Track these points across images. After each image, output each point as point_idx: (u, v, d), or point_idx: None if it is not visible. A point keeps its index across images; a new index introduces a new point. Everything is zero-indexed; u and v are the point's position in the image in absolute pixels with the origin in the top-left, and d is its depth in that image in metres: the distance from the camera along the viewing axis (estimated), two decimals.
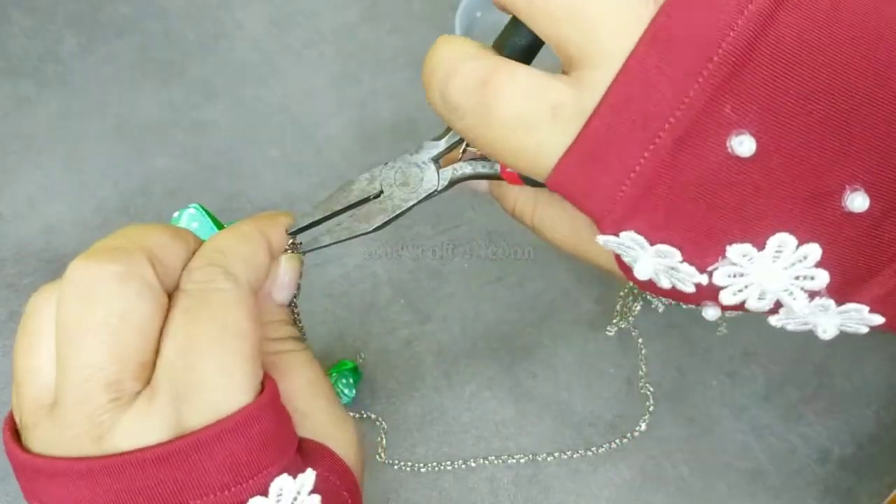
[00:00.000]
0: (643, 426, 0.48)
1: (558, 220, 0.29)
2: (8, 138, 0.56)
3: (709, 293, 0.24)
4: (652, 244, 0.23)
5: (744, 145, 0.21)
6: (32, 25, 0.60)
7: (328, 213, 0.30)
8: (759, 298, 0.24)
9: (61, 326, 0.23)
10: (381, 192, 0.30)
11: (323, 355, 0.49)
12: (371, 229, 0.30)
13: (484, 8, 0.62)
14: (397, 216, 0.30)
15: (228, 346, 0.24)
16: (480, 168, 0.30)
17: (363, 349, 0.50)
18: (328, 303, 0.51)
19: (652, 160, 0.22)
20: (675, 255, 0.23)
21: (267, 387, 0.25)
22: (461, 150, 0.30)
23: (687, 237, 0.23)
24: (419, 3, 0.63)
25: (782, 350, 0.51)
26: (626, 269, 0.26)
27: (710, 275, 0.23)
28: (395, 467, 0.46)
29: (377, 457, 0.47)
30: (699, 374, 0.50)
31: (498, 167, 0.29)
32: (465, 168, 0.30)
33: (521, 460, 0.47)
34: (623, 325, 0.51)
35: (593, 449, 0.47)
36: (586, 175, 0.23)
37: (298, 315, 0.33)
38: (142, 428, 0.22)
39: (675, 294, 0.25)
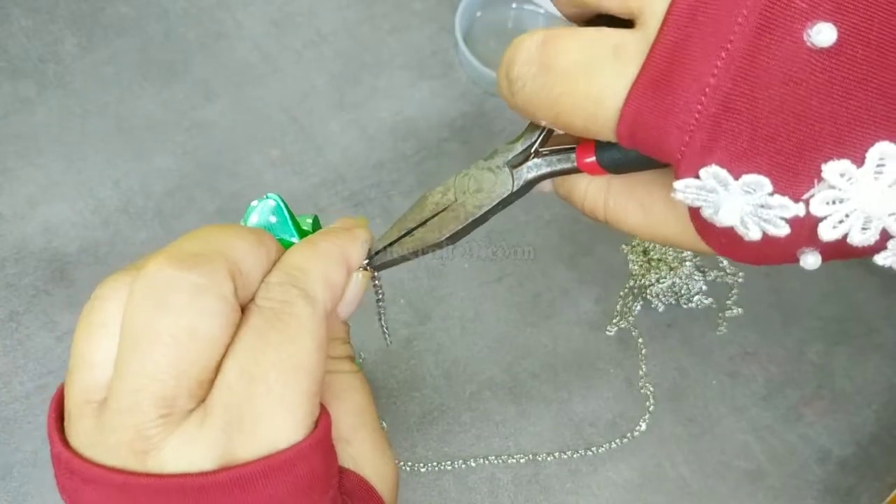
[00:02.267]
0: (643, 426, 0.48)
1: (631, 208, 0.28)
2: (8, 138, 0.56)
3: (806, 231, 0.21)
4: (736, 178, 0.21)
5: (822, 34, 0.19)
6: (33, 26, 0.60)
7: (404, 232, 0.29)
8: (864, 229, 0.21)
9: (127, 327, 0.22)
10: (455, 201, 0.29)
11: None
12: (443, 239, 0.28)
13: (484, 7, 0.63)
14: (471, 223, 0.29)
15: (293, 379, 0.22)
16: (556, 164, 0.28)
17: (363, 349, 0.50)
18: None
19: (726, 68, 0.20)
20: (765, 185, 0.21)
21: (321, 423, 0.23)
22: (533, 150, 0.29)
23: (775, 161, 0.20)
24: (419, 3, 0.63)
25: (782, 350, 0.51)
26: (706, 229, 0.23)
27: (807, 203, 0.21)
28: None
29: None
30: (699, 374, 0.50)
31: (573, 159, 0.27)
32: (541, 167, 0.29)
33: (521, 460, 0.47)
34: (623, 325, 0.51)
35: (593, 449, 0.47)
36: (657, 105, 0.21)
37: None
38: (189, 451, 0.21)
39: (766, 247, 0.22)
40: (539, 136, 0.29)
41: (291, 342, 0.23)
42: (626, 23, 0.23)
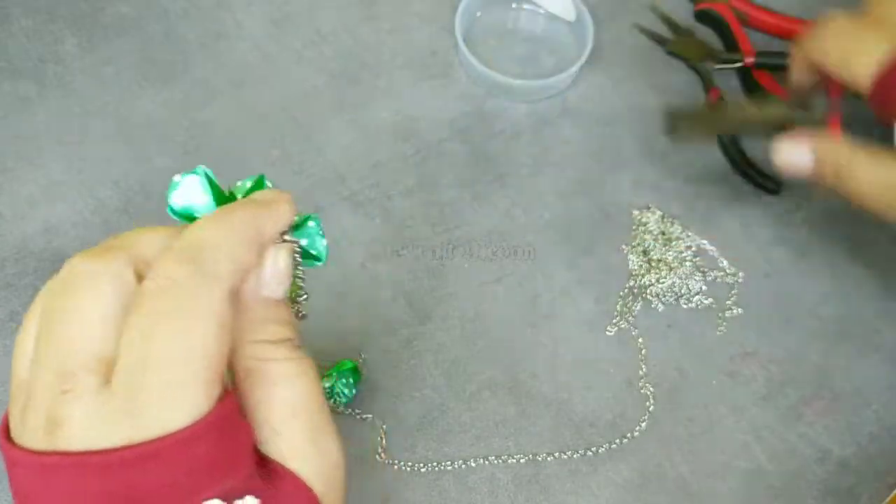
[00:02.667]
0: (643, 426, 0.48)
1: (873, 173, 0.42)
2: (8, 138, 0.56)
3: None
4: None
5: None
6: (33, 26, 0.60)
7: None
8: None
9: (41, 315, 0.24)
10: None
11: (323, 355, 0.49)
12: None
13: (484, 8, 0.63)
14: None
15: (183, 360, 0.22)
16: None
17: (363, 349, 0.50)
18: (329, 303, 0.51)
19: None
20: None
21: (218, 406, 0.23)
22: None
23: None
24: (419, 4, 0.63)
25: (782, 350, 0.51)
26: None
27: None
28: (395, 467, 0.46)
29: (377, 456, 0.47)
30: (699, 374, 0.50)
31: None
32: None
33: (521, 460, 0.47)
34: (623, 326, 0.51)
35: (593, 449, 0.47)
36: None
37: (304, 314, 0.31)
38: (95, 428, 0.22)
39: None
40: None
41: (180, 321, 0.23)
42: None
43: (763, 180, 0.55)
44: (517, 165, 0.56)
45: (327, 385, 0.47)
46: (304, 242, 0.30)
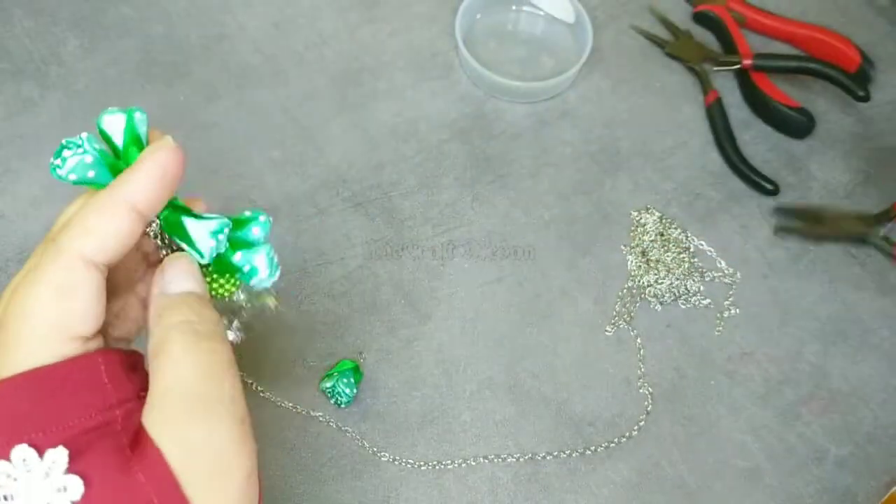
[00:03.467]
0: (641, 425, 0.48)
1: None
2: (11, 139, 0.56)
3: None
4: None
5: None
6: (35, 27, 0.61)
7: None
8: None
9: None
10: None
11: (324, 355, 0.49)
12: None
13: (484, 10, 0.63)
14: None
15: (20, 318, 0.26)
16: None
17: (364, 349, 0.50)
18: (329, 303, 0.51)
19: None
20: None
21: (57, 364, 0.26)
22: None
23: None
24: (420, 6, 0.63)
25: (780, 350, 0.51)
26: None
27: None
28: (396, 465, 0.47)
29: (378, 456, 0.47)
30: (697, 373, 0.50)
31: None
32: None
33: (521, 459, 0.47)
34: (622, 326, 0.52)
35: (592, 448, 0.48)
36: None
37: (226, 293, 0.32)
38: None
39: None
40: None
41: (24, 288, 0.27)
42: None
43: (761, 181, 0.56)
44: (517, 166, 0.57)
45: (328, 385, 0.47)
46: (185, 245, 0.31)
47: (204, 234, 0.31)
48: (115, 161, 0.31)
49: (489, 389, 0.49)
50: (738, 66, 0.59)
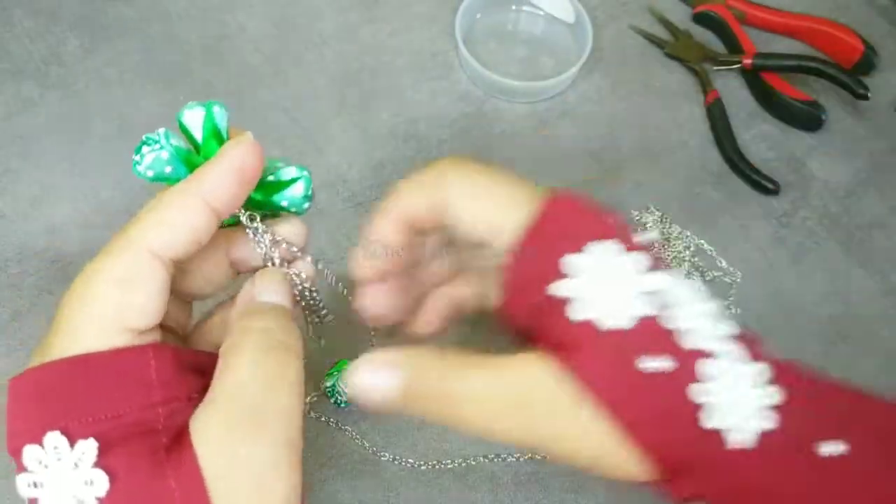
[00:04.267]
0: None
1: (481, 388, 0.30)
2: (11, 139, 0.56)
3: None
4: None
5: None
6: (35, 27, 0.61)
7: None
8: None
9: None
10: None
11: (324, 355, 0.49)
12: None
13: (484, 9, 0.63)
14: None
15: (75, 310, 0.26)
16: None
17: (364, 349, 0.50)
18: (329, 302, 0.51)
19: None
20: None
21: (93, 353, 0.25)
22: None
23: None
24: (420, 6, 0.63)
25: (780, 350, 0.51)
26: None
27: None
28: (396, 465, 0.47)
29: (379, 455, 0.47)
30: None
31: None
32: None
33: (521, 459, 0.47)
34: None
35: None
36: None
37: (319, 320, 0.33)
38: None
39: None
40: None
41: (80, 279, 0.27)
42: None
43: (761, 180, 0.56)
44: (517, 166, 0.57)
45: (328, 384, 0.47)
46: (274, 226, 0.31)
47: (297, 200, 0.32)
48: (195, 156, 0.30)
49: None
50: (738, 66, 0.59)
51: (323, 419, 0.47)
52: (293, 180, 0.32)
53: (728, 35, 0.62)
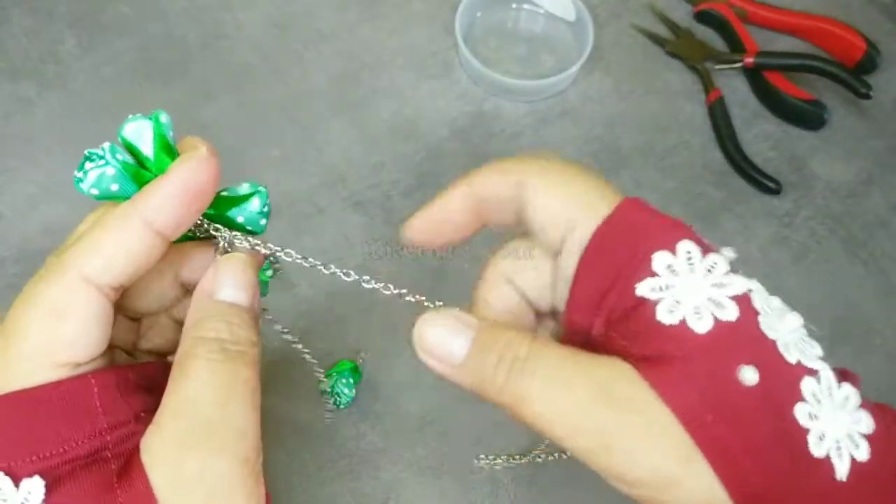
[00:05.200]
0: None
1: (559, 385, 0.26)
2: (9, 138, 0.56)
3: None
4: None
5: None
6: (33, 26, 0.60)
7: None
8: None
9: None
10: None
11: (323, 355, 0.49)
12: None
13: (484, 8, 0.63)
14: None
15: (10, 337, 0.25)
16: None
17: (363, 349, 0.50)
18: (329, 302, 0.51)
19: None
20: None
21: (39, 387, 0.24)
22: None
23: None
24: (419, 4, 0.63)
25: None
26: None
27: None
28: (396, 467, 0.46)
29: (378, 456, 0.47)
30: None
31: None
32: None
33: (521, 460, 0.47)
34: None
35: None
36: None
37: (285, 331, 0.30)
38: None
39: None
40: None
41: (15, 306, 0.25)
42: None
43: (763, 180, 0.55)
44: None
45: (328, 384, 0.47)
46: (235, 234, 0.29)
47: (254, 216, 0.30)
48: (145, 172, 0.28)
49: None
50: (740, 65, 0.59)
51: (322, 420, 0.47)
52: (248, 195, 0.30)
53: (730, 33, 0.62)
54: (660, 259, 0.25)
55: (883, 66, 0.61)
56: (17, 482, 0.23)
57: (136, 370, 0.27)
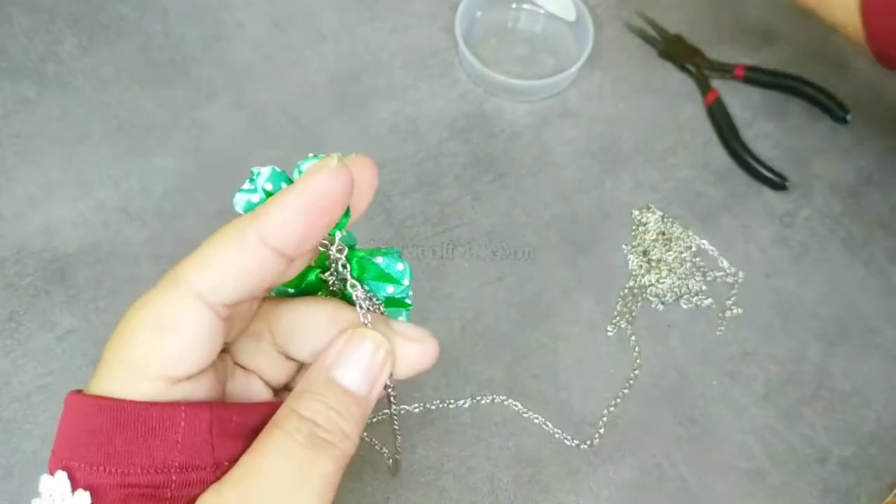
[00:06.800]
0: (643, 426, 0.48)
1: None
2: (8, 138, 0.56)
3: None
4: None
5: None
6: (33, 25, 0.60)
7: None
8: None
9: None
10: None
11: None
12: None
13: (484, 8, 0.63)
14: None
15: (114, 345, 0.24)
16: None
17: None
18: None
19: None
20: None
21: (135, 402, 0.23)
22: None
23: None
24: (419, 3, 0.63)
25: (782, 350, 0.51)
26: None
27: None
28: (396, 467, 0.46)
29: (378, 457, 0.47)
30: (699, 373, 0.50)
31: None
32: None
33: (521, 460, 0.47)
34: (623, 325, 0.51)
35: (593, 449, 0.47)
36: None
37: (397, 429, 0.28)
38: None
39: None
40: None
41: (136, 310, 0.24)
42: None
43: (769, 174, 0.56)
44: (517, 165, 0.56)
45: None
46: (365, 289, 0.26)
47: (401, 269, 0.26)
48: None
49: (489, 389, 0.49)
50: (730, 77, 0.60)
51: None
52: (399, 274, 0.27)
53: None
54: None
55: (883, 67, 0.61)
56: (74, 487, 0.22)
57: (241, 412, 0.25)
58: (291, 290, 0.28)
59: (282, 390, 0.29)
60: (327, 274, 0.28)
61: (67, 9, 0.61)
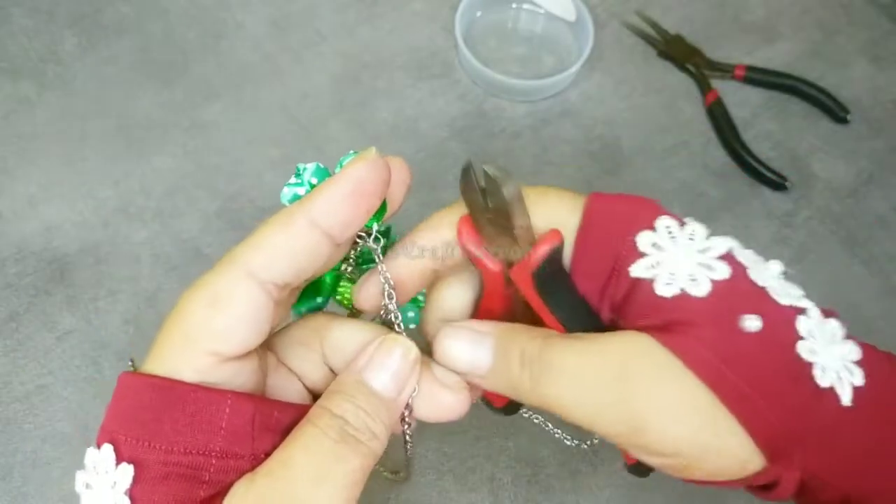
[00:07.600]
0: None
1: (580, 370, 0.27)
2: (9, 138, 0.56)
3: None
4: None
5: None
6: (33, 26, 0.60)
7: None
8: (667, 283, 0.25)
9: None
10: None
11: None
12: None
13: (484, 8, 0.63)
14: None
15: (173, 318, 0.25)
16: None
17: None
18: (328, 303, 0.51)
19: None
20: None
21: (182, 384, 0.24)
22: None
23: None
24: (419, 4, 0.63)
25: None
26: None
27: None
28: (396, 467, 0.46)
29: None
30: None
31: None
32: None
33: (521, 460, 0.47)
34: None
35: (593, 449, 0.47)
36: None
37: (409, 439, 0.28)
38: None
39: None
40: None
41: (191, 290, 0.25)
42: None
43: (770, 174, 0.56)
44: (517, 165, 0.56)
45: None
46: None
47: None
48: None
49: None
50: (730, 77, 0.60)
51: None
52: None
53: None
54: (644, 239, 0.26)
55: (883, 66, 0.61)
56: (118, 461, 0.23)
57: (282, 409, 0.26)
58: (320, 300, 0.31)
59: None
60: (345, 266, 0.30)
61: (67, 9, 0.61)
